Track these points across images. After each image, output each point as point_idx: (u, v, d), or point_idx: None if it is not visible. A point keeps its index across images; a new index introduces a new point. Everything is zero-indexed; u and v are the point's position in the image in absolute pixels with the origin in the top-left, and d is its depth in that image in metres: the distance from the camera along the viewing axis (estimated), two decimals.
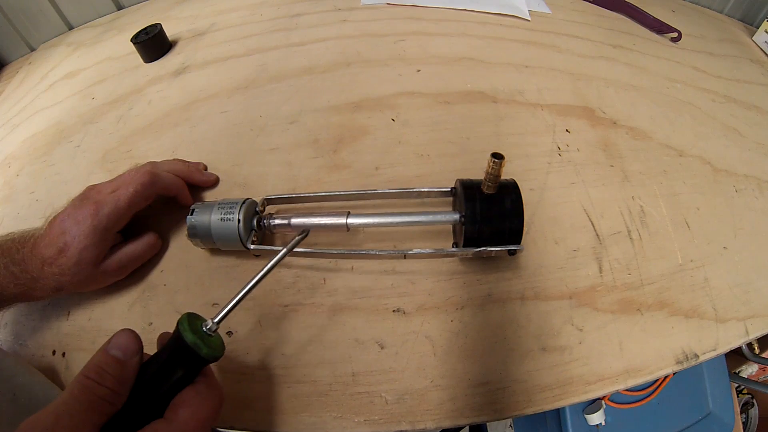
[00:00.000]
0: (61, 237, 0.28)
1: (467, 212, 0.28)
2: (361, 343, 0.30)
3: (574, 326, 0.31)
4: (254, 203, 0.32)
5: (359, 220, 0.29)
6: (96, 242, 0.29)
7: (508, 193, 0.29)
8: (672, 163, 0.40)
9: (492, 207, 0.28)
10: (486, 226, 0.28)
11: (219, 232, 0.30)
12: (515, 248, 0.28)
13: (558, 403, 0.28)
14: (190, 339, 0.21)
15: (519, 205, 0.28)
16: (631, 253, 0.34)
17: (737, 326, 0.33)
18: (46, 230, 0.29)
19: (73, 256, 0.28)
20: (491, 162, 0.26)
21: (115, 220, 0.30)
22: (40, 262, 0.28)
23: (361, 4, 0.56)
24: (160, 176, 0.32)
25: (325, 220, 0.29)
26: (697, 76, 0.52)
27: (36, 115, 0.51)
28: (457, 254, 0.29)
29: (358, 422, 0.27)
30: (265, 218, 0.31)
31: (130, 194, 0.31)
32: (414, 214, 0.30)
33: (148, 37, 0.51)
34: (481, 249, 0.28)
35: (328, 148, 0.39)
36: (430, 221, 0.29)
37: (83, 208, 0.29)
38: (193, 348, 0.21)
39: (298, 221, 0.30)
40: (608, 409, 0.56)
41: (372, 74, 0.46)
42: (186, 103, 0.46)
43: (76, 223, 0.29)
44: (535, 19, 0.55)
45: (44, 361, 0.32)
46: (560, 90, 0.45)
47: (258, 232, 0.31)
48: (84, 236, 0.29)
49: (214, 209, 0.30)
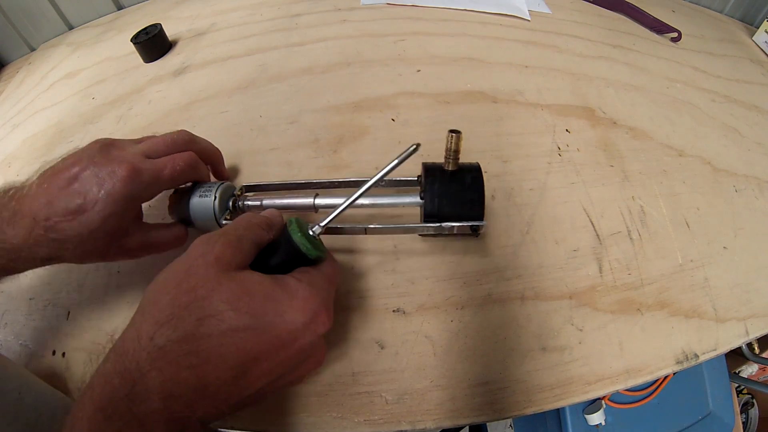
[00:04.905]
0: (75, 197, 0.24)
1: (426, 188, 0.28)
2: (361, 343, 0.30)
3: (574, 326, 0.31)
4: (232, 187, 0.33)
5: (325, 201, 0.30)
6: (123, 211, 0.25)
7: (469, 170, 0.29)
8: (672, 163, 0.40)
9: (452, 183, 0.28)
10: (445, 202, 0.28)
11: (196, 208, 0.31)
12: (477, 224, 0.28)
13: (558, 403, 0.28)
14: (297, 238, 0.23)
15: (479, 181, 0.28)
16: (631, 253, 0.34)
17: (737, 326, 0.33)
18: (43, 186, 0.24)
19: (91, 222, 0.24)
20: (449, 137, 0.27)
21: (151, 192, 0.27)
22: (28, 224, 0.24)
23: (361, 4, 0.56)
24: (200, 164, 0.31)
25: (295, 200, 0.31)
26: (697, 76, 0.52)
27: (36, 115, 0.51)
28: (418, 230, 0.30)
29: (358, 422, 0.27)
30: (240, 199, 0.32)
31: (177, 171, 0.28)
32: (379, 196, 0.30)
33: (148, 37, 0.51)
34: (440, 224, 0.28)
35: (328, 148, 0.39)
36: (396, 203, 0.30)
37: (109, 165, 0.25)
38: (298, 246, 0.23)
39: (269, 202, 0.31)
40: (608, 409, 0.56)
41: (372, 74, 0.46)
42: (186, 103, 0.46)
43: (98, 182, 0.24)
44: (535, 19, 0.55)
45: (44, 361, 0.32)
46: (560, 90, 0.45)
47: (234, 213, 0.32)
48: (112, 201, 0.24)
49: (195, 190, 0.32)
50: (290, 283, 0.22)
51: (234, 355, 0.19)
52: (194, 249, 0.22)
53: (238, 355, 0.19)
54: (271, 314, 0.20)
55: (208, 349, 0.19)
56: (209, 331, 0.19)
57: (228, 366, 0.19)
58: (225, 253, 0.21)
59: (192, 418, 0.19)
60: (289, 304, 0.21)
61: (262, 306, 0.20)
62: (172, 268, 0.22)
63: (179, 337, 0.19)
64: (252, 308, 0.20)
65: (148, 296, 0.21)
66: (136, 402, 0.18)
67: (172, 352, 0.19)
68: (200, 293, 0.20)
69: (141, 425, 0.18)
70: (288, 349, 0.21)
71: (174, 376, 0.19)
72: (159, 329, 0.19)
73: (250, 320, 0.20)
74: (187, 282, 0.20)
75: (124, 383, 0.18)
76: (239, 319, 0.20)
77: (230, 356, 0.19)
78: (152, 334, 0.19)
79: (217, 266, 0.21)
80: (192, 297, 0.20)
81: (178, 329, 0.19)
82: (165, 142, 0.30)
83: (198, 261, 0.21)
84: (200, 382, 0.19)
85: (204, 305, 0.20)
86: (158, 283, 0.21)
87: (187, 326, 0.19)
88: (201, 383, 0.19)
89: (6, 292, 0.35)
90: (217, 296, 0.20)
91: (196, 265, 0.21)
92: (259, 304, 0.20)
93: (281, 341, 0.21)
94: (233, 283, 0.20)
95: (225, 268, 0.21)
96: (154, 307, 0.20)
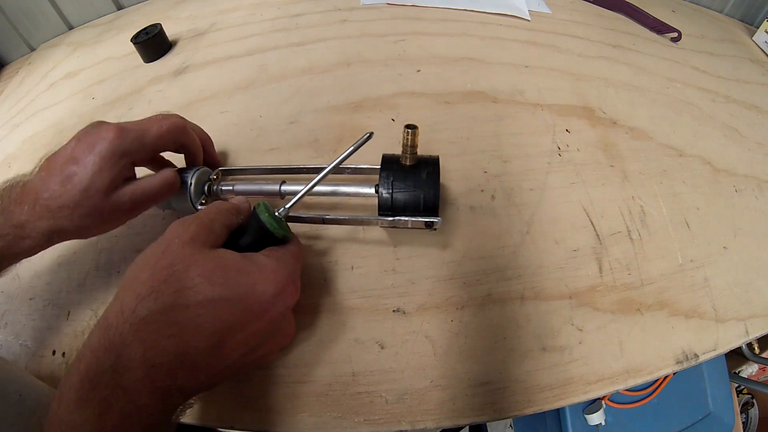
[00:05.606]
0: (67, 166, 0.26)
1: (381, 181, 0.29)
2: (361, 343, 0.30)
3: (574, 326, 0.31)
4: (208, 171, 0.34)
5: (290, 188, 0.32)
6: (111, 166, 0.26)
7: (426, 165, 0.29)
8: (672, 163, 0.40)
9: (407, 177, 0.28)
10: (399, 195, 0.28)
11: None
12: (432, 220, 0.28)
13: (558, 403, 0.28)
14: (265, 218, 0.25)
15: (435, 176, 0.28)
16: (631, 253, 0.34)
17: (737, 326, 0.33)
18: (43, 167, 0.27)
19: (81, 182, 0.25)
20: (405, 132, 0.27)
21: (138, 148, 0.27)
22: (32, 200, 0.26)
23: (361, 4, 0.56)
24: (189, 131, 0.31)
25: (263, 186, 0.32)
26: (697, 76, 0.52)
27: (36, 115, 0.51)
28: (373, 222, 0.30)
29: (358, 422, 0.27)
30: (215, 183, 0.34)
31: (163, 130, 0.29)
32: (339, 184, 0.31)
33: (148, 37, 0.51)
34: (394, 218, 0.29)
35: (328, 148, 0.39)
36: (354, 193, 0.31)
37: (98, 133, 0.26)
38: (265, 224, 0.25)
39: (241, 188, 0.33)
40: (608, 409, 0.56)
41: (372, 74, 0.46)
42: (186, 103, 0.46)
43: (88, 148, 0.26)
44: (535, 19, 0.55)
45: (44, 361, 0.32)
46: (560, 90, 0.45)
47: (209, 198, 0.33)
48: (100, 158, 0.26)
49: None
50: (260, 259, 0.24)
51: (210, 325, 0.21)
52: (170, 231, 0.24)
53: (214, 324, 0.21)
54: (244, 286, 0.22)
55: (187, 319, 0.21)
56: (186, 302, 0.21)
57: (204, 335, 0.21)
58: (199, 234, 0.23)
59: (173, 387, 0.21)
60: (260, 276, 0.23)
61: (235, 278, 0.22)
62: (151, 248, 0.23)
63: (159, 308, 0.20)
64: (225, 280, 0.22)
65: (129, 274, 0.23)
66: (120, 372, 0.20)
67: (153, 323, 0.20)
68: (177, 268, 0.21)
69: (125, 394, 0.19)
70: (260, 319, 0.23)
71: (155, 345, 0.20)
72: (141, 302, 0.21)
73: (224, 291, 0.22)
74: (165, 259, 0.22)
75: (109, 355, 0.20)
76: (214, 291, 0.21)
77: (207, 326, 0.21)
78: (134, 306, 0.20)
79: (192, 245, 0.23)
80: (170, 272, 0.21)
81: (158, 301, 0.21)
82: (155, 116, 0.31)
83: (174, 241, 0.23)
84: (180, 351, 0.20)
85: (181, 278, 0.21)
86: (138, 262, 0.23)
87: (166, 298, 0.21)
88: (181, 351, 0.20)
89: (6, 292, 0.36)
90: (193, 270, 0.22)
91: (172, 244, 0.23)
92: (232, 277, 0.22)
93: (253, 312, 0.22)
94: (208, 258, 0.22)
95: (199, 246, 0.23)
96: (136, 282, 0.22)
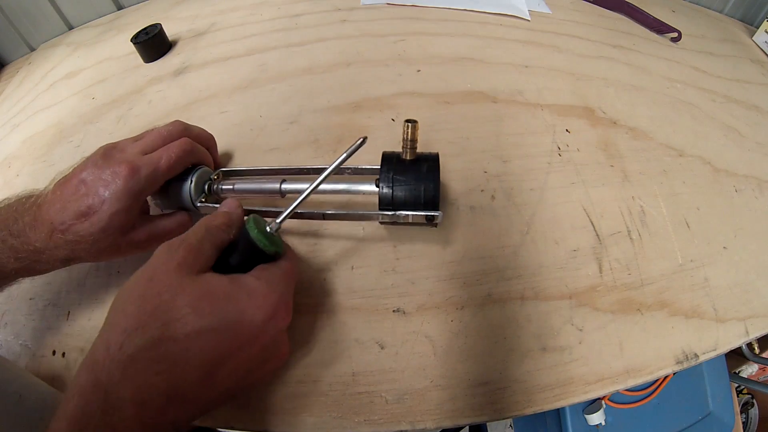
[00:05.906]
0: (83, 199, 0.26)
1: (381, 176, 0.29)
2: (361, 343, 0.30)
3: (574, 326, 0.31)
4: (209, 171, 0.34)
5: (291, 186, 0.31)
6: (128, 207, 0.26)
7: (426, 160, 0.29)
8: (672, 163, 0.40)
9: (407, 171, 0.29)
10: (400, 190, 0.28)
11: (173, 191, 0.32)
12: (433, 214, 0.28)
13: (558, 403, 0.28)
14: (255, 235, 0.24)
15: (435, 170, 0.29)
16: (631, 253, 0.34)
17: (737, 326, 0.33)
18: (57, 193, 0.26)
19: (100, 221, 0.26)
20: (405, 126, 0.27)
21: (151, 185, 0.28)
22: (48, 229, 0.26)
23: (361, 4, 0.56)
24: (197, 147, 0.32)
25: (264, 185, 0.32)
26: (697, 76, 0.52)
27: (36, 115, 0.51)
28: (373, 217, 0.30)
29: (358, 422, 0.27)
30: (215, 183, 0.33)
31: (173, 160, 0.29)
32: (340, 182, 0.31)
33: (148, 37, 0.51)
34: (395, 213, 0.29)
35: (328, 148, 0.39)
36: (355, 190, 0.31)
37: (111, 167, 0.26)
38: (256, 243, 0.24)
39: (241, 186, 0.33)
40: (608, 409, 0.56)
41: (372, 74, 0.46)
42: (186, 103, 0.46)
43: (103, 184, 0.26)
44: (535, 19, 0.55)
45: (44, 361, 0.32)
46: (560, 90, 0.45)
47: (209, 197, 0.33)
48: (116, 199, 0.26)
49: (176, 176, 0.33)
50: (249, 282, 0.23)
51: (199, 357, 0.20)
52: (156, 257, 0.23)
53: (203, 356, 0.20)
54: (232, 313, 0.21)
55: (175, 353, 0.20)
56: (174, 335, 0.20)
57: (195, 367, 0.20)
58: (187, 259, 0.22)
59: (164, 422, 0.20)
60: (249, 302, 0.22)
61: (224, 306, 0.21)
62: (137, 276, 0.22)
63: (147, 344, 0.20)
64: (213, 309, 0.21)
65: (115, 305, 0.22)
66: (110, 412, 0.19)
67: (141, 360, 0.19)
68: (164, 298, 0.21)
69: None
70: (251, 346, 0.22)
71: (144, 382, 0.19)
72: (127, 338, 0.20)
73: (212, 321, 0.21)
74: (152, 289, 0.21)
75: (97, 395, 0.19)
76: (202, 321, 0.21)
77: (196, 359, 0.20)
78: (121, 342, 0.20)
79: (179, 271, 0.22)
80: (157, 302, 0.21)
81: (145, 336, 0.20)
82: (161, 135, 0.31)
83: (161, 268, 0.22)
84: (170, 387, 0.20)
85: (168, 309, 0.20)
86: (124, 292, 0.22)
87: (154, 332, 0.20)
88: (171, 387, 0.20)
89: (6, 292, 0.35)
90: (180, 300, 0.21)
91: (159, 272, 0.22)
92: (220, 305, 0.21)
93: (243, 339, 0.22)
94: (195, 286, 0.22)
95: (187, 272, 0.22)
96: (122, 315, 0.21)
